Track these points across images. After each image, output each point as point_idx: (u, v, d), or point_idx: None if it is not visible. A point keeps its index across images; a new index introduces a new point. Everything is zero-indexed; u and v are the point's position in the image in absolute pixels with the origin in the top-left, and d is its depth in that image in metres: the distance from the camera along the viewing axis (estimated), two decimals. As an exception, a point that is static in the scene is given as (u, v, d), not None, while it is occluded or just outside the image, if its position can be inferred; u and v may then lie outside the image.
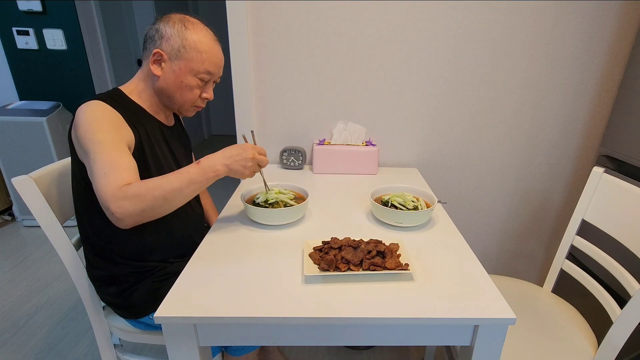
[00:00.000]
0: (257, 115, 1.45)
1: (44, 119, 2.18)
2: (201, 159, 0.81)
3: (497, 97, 1.41)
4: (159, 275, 0.92)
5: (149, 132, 0.89)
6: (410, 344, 0.68)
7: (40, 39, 2.32)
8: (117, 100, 0.85)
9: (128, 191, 0.72)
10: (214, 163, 0.80)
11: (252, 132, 0.98)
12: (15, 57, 2.36)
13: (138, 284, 0.91)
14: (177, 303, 0.65)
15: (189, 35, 0.84)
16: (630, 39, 1.31)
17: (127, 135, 0.81)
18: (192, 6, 4.01)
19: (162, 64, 0.86)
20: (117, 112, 0.81)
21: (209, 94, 0.92)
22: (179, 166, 0.99)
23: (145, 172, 0.86)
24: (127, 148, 0.80)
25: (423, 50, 1.34)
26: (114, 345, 1.04)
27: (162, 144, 0.94)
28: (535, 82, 1.38)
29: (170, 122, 1.01)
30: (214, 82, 0.94)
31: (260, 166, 0.86)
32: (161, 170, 0.91)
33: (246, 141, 0.92)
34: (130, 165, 0.77)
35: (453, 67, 1.36)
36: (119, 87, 0.89)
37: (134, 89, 0.90)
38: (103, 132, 0.76)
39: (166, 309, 0.63)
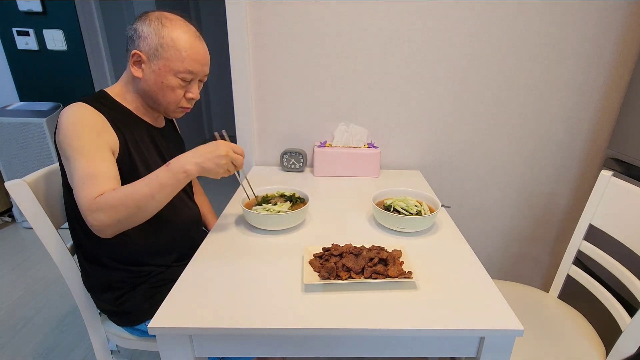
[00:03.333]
0: (257, 117, 1.43)
1: (43, 119, 2.16)
2: (171, 160, 0.77)
3: (502, 98, 1.38)
4: (155, 282, 0.90)
5: (135, 135, 0.86)
6: (414, 355, 0.65)
7: (41, 40, 2.30)
8: (103, 103, 0.82)
9: (101, 202, 0.71)
10: (184, 163, 0.76)
11: (223, 131, 0.92)
12: (15, 58, 2.35)
13: (133, 290, 0.89)
14: (172, 313, 0.63)
15: (165, 32, 0.79)
16: (638, 39, 1.28)
17: (110, 139, 0.79)
18: (193, 6, 3.99)
19: (142, 65, 0.82)
20: (102, 115, 0.79)
21: (194, 94, 0.87)
22: None
23: (134, 176, 0.83)
24: (109, 154, 0.78)
25: (425, 51, 1.32)
26: (111, 351, 1.02)
27: (151, 146, 0.91)
28: (540, 83, 1.36)
29: (160, 123, 0.98)
30: (200, 80, 0.89)
31: (235, 166, 0.81)
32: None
33: (223, 139, 0.87)
34: (109, 174, 0.75)
35: (456, 67, 1.34)
36: (105, 89, 0.87)
37: (120, 91, 0.88)
38: (83, 138, 0.74)
39: (161, 320, 0.61)
